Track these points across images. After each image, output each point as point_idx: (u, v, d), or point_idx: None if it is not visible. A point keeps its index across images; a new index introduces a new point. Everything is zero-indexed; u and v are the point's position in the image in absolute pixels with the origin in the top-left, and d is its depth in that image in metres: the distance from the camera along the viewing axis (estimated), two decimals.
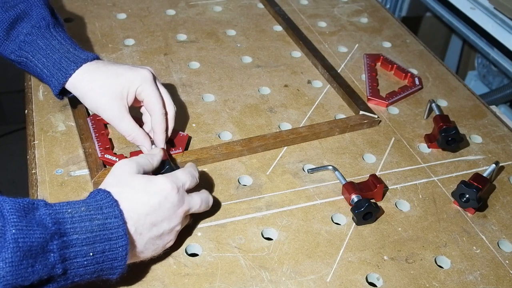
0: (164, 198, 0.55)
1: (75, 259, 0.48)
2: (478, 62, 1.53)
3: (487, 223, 0.69)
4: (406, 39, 1.04)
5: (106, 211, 0.51)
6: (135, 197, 0.54)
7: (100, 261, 0.50)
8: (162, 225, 0.55)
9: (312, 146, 0.77)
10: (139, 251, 0.55)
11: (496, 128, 0.84)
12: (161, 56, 0.91)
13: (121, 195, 0.53)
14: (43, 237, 0.46)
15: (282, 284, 0.58)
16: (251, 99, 0.84)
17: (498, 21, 1.22)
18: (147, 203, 0.54)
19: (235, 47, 0.96)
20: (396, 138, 0.80)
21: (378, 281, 0.60)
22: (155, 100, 0.68)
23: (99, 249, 0.50)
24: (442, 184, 0.73)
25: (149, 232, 0.54)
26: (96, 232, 0.50)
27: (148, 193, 0.55)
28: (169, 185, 0.56)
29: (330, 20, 1.07)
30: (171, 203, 0.56)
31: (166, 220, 0.56)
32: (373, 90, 0.88)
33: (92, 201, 0.52)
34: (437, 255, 0.64)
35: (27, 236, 0.45)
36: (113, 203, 0.52)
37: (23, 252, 0.45)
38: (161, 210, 0.55)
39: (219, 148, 0.73)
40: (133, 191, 0.54)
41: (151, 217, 0.54)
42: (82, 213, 0.50)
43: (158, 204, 0.55)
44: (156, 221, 0.55)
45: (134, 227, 0.53)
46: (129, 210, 0.53)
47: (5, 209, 0.46)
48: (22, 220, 0.46)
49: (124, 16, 1.00)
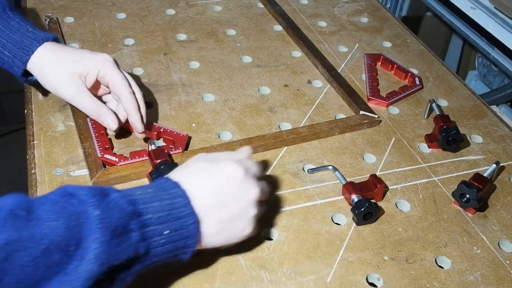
0: (230, 177, 0.54)
1: (153, 238, 0.49)
2: (479, 62, 1.52)
3: (488, 223, 0.68)
4: (406, 39, 1.04)
5: (171, 192, 0.51)
6: (198, 179, 0.54)
7: (175, 239, 0.50)
8: (231, 207, 0.54)
9: (312, 146, 0.77)
10: (209, 234, 0.53)
11: (496, 128, 0.84)
12: (161, 56, 0.91)
13: (182, 178, 0.53)
14: (123, 217, 0.47)
15: (282, 284, 0.58)
16: (251, 99, 0.84)
17: (498, 21, 1.22)
18: (212, 183, 0.54)
19: (235, 47, 0.95)
20: (397, 138, 0.80)
21: (378, 282, 0.60)
22: (121, 80, 0.69)
23: (172, 227, 0.50)
24: (442, 184, 0.73)
25: (218, 213, 0.53)
26: (167, 211, 0.50)
27: (211, 174, 0.54)
28: (235, 165, 0.55)
29: (330, 20, 1.06)
30: (239, 182, 0.55)
31: (235, 202, 0.54)
32: (373, 90, 0.88)
33: (155, 185, 0.52)
34: (438, 255, 0.63)
35: (109, 216, 0.46)
36: (175, 184, 0.52)
37: (110, 231, 0.45)
38: (228, 190, 0.54)
39: (219, 148, 0.72)
40: (196, 174, 0.54)
41: (218, 197, 0.53)
42: (151, 194, 0.50)
43: (225, 183, 0.54)
44: (224, 201, 0.54)
45: (199, 207, 0.52)
46: (192, 191, 0.52)
47: (83, 194, 0.47)
48: (101, 203, 0.47)
49: (123, 16, 1.00)
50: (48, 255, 0.42)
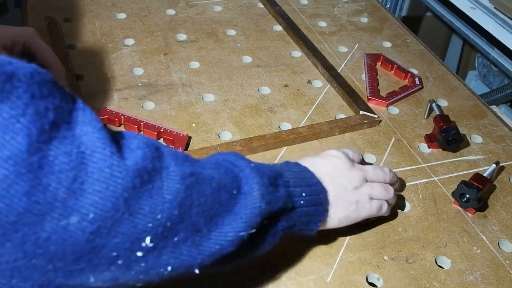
0: (334, 157, 0.59)
1: (295, 198, 0.52)
2: (479, 62, 1.52)
3: (488, 223, 0.68)
4: (406, 39, 1.04)
5: (296, 166, 0.56)
6: (307, 162, 0.58)
7: (311, 204, 0.53)
8: (342, 182, 0.58)
9: (312, 146, 0.77)
10: (332, 204, 0.56)
11: (496, 128, 0.84)
12: (161, 56, 0.91)
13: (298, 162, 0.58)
14: (271, 172, 0.51)
15: (282, 284, 0.58)
16: (251, 99, 0.84)
17: (498, 21, 1.22)
18: (319, 162, 0.58)
19: (235, 47, 0.95)
20: (396, 138, 0.80)
21: (378, 281, 0.60)
22: (49, 51, 0.69)
23: (307, 192, 0.53)
24: (442, 184, 0.73)
25: (332, 186, 0.57)
26: (300, 178, 0.53)
27: (316, 157, 0.60)
28: (335, 150, 0.61)
29: (330, 20, 1.06)
30: (342, 161, 0.59)
31: (345, 179, 0.58)
32: (373, 90, 0.88)
33: (278, 164, 0.56)
34: (438, 255, 0.63)
35: (262, 168, 0.50)
36: (296, 163, 0.57)
37: (267, 179, 0.49)
38: (335, 167, 0.58)
39: (219, 148, 0.72)
40: (304, 160, 0.59)
41: (328, 172, 0.57)
42: (280, 166, 0.54)
43: (331, 162, 0.59)
44: (334, 175, 0.58)
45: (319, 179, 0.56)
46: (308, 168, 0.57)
47: (232, 157, 0.51)
48: (249, 163, 0.50)
49: (124, 16, 1.00)
50: (218, 192, 0.45)
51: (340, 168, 0.59)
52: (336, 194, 0.57)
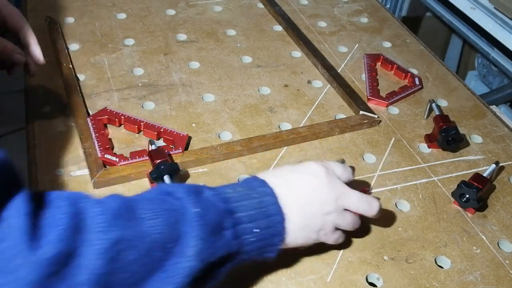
0: (312, 176, 0.55)
1: (245, 236, 0.49)
2: (478, 62, 1.53)
3: (487, 223, 0.69)
4: (406, 39, 1.04)
5: (259, 190, 0.52)
6: (283, 178, 0.54)
7: (264, 238, 0.51)
8: (311, 207, 0.54)
9: (312, 146, 0.77)
10: (294, 232, 0.53)
11: (496, 128, 0.84)
12: (161, 56, 0.91)
13: (267, 177, 0.54)
14: (219, 215, 0.48)
15: (282, 284, 0.58)
16: (251, 99, 0.84)
17: (498, 21, 1.22)
18: (293, 180, 0.54)
19: (235, 47, 0.95)
20: (396, 138, 0.80)
21: (378, 281, 0.60)
22: (19, 13, 0.67)
23: (262, 225, 0.50)
24: (442, 184, 0.73)
25: (298, 211, 0.53)
26: (257, 210, 0.50)
27: (293, 171, 0.55)
28: (316, 164, 0.56)
29: (330, 20, 1.07)
30: (320, 182, 0.55)
31: (317, 203, 0.54)
32: (373, 90, 0.88)
33: (244, 184, 0.53)
34: (437, 255, 0.64)
35: (207, 214, 0.47)
36: (263, 182, 0.53)
37: (208, 228, 0.46)
38: (308, 188, 0.54)
39: (219, 148, 0.72)
40: (280, 174, 0.55)
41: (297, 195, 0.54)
42: (241, 193, 0.51)
43: (307, 183, 0.54)
44: (305, 201, 0.54)
45: (285, 205, 0.52)
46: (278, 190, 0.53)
47: (181, 192, 0.48)
48: (198, 200, 0.48)
49: (124, 16, 1.00)
50: (150, 252, 0.43)
51: (315, 191, 0.54)
52: (301, 223, 0.54)
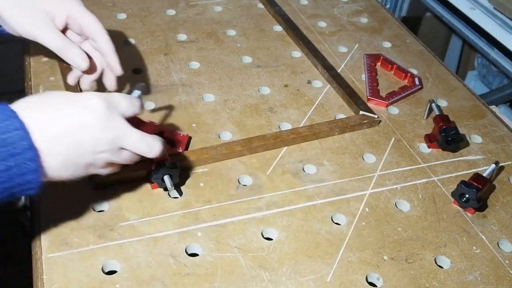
0: (87, 110, 0.49)
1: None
2: (478, 62, 1.53)
3: (487, 223, 0.69)
4: (406, 39, 1.04)
5: (3, 125, 0.46)
6: (46, 108, 0.48)
7: (6, 180, 0.45)
8: (79, 144, 0.49)
9: (312, 146, 0.77)
10: (53, 168, 0.48)
11: (496, 128, 0.84)
12: (161, 56, 0.91)
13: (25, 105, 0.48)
14: None
15: (282, 284, 0.58)
16: (251, 99, 0.84)
17: (498, 21, 1.22)
18: (60, 111, 0.48)
19: (235, 47, 0.96)
20: (396, 138, 0.80)
21: (378, 281, 0.60)
22: (95, 20, 0.65)
23: (6, 165, 0.45)
24: (442, 184, 0.73)
25: (61, 146, 0.48)
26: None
27: (67, 101, 0.49)
28: (96, 97, 0.50)
29: (330, 20, 1.07)
30: (94, 118, 0.49)
31: (87, 140, 0.49)
32: (373, 90, 0.88)
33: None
34: (437, 255, 0.64)
35: None
36: (11, 114, 0.46)
37: None
38: (78, 123, 0.49)
39: (219, 148, 0.73)
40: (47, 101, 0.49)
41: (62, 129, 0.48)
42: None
43: (76, 115, 0.49)
44: (71, 136, 0.48)
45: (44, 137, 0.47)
46: (36, 120, 0.47)
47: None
48: None
49: (124, 16, 1.00)
50: None
51: (86, 128, 0.49)
52: (66, 160, 0.48)
